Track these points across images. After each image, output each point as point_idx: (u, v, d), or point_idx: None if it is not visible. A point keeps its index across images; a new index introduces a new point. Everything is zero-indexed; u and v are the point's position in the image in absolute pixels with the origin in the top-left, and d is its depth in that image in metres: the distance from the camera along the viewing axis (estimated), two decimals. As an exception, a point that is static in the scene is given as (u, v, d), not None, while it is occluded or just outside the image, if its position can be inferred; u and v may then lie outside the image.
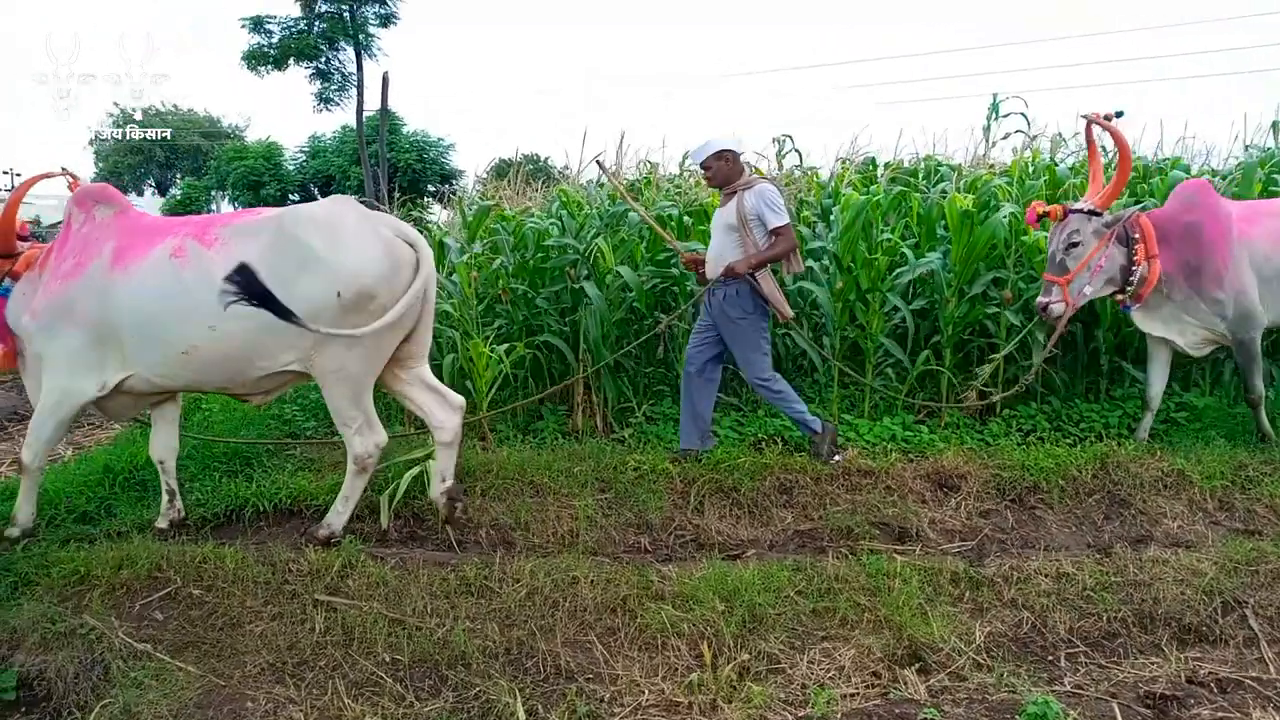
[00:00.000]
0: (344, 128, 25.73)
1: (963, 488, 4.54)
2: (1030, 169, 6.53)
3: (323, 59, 19.20)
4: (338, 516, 3.89)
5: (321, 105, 19.98)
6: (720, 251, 4.73)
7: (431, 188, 26.32)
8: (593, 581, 3.46)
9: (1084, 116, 5.00)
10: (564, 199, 6.36)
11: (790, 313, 4.80)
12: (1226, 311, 4.91)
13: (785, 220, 4.65)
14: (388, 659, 3.02)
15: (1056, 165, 6.40)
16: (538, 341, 5.68)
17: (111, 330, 3.70)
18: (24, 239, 4.11)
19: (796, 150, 7.70)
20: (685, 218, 6.01)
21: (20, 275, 3.95)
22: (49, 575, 3.47)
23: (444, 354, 5.60)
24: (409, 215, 8.82)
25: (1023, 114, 6.97)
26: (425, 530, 4.11)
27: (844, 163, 7.62)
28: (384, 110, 19.32)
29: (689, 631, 3.19)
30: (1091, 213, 4.74)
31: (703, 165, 4.83)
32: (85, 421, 7.04)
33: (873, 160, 7.78)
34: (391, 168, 20.38)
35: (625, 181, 7.01)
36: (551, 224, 6.12)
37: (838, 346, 5.52)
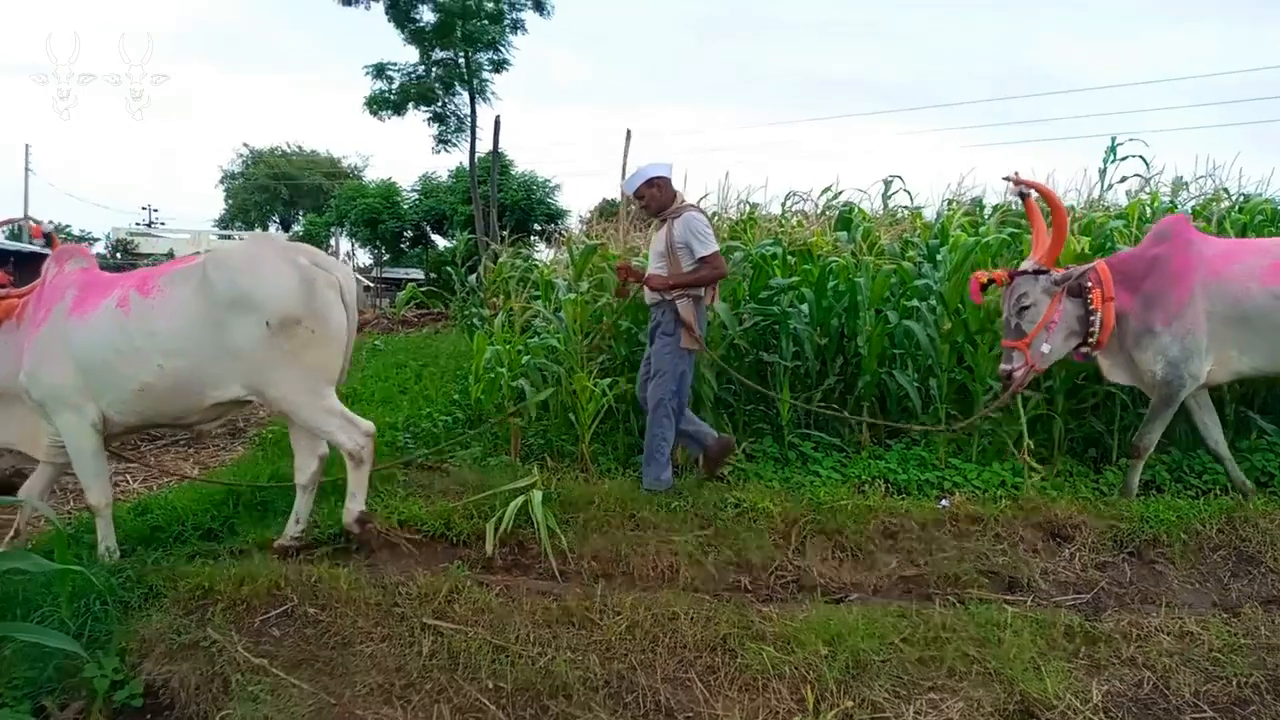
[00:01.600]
0: (457, 167, 26.63)
1: (1077, 538, 4.37)
2: (1149, 212, 6.31)
3: (439, 103, 19.98)
4: (355, 502, 4.07)
5: (440, 147, 20.74)
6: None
7: (538, 226, 26.95)
8: (693, 618, 3.46)
9: (1006, 179, 4.87)
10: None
11: (692, 347, 4.79)
12: (1167, 349, 4.65)
13: (712, 249, 4.71)
14: (491, 685, 3.08)
15: (1176, 208, 6.17)
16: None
17: (79, 370, 3.98)
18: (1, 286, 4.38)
19: (906, 190, 7.65)
20: (789, 257, 6.02)
21: (1, 322, 4.25)
22: (176, 588, 3.64)
23: (548, 386, 5.73)
24: (518, 253, 9.05)
25: (1141, 156, 6.75)
26: (529, 559, 4.19)
27: (951, 203, 7.51)
28: (495, 151, 19.92)
29: (791, 674, 3.15)
30: (1038, 272, 4.65)
31: (636, 194, 4.89)
32: (210, 443, 7.45)
33: (980, 201, 7.65)
34: (501, 207, 20.96)
35: (728, 221, 7.07)
36: (656, 262, 6.21)
37: (944, 389, 5.41)
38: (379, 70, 19.58)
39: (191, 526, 4.47)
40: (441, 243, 30.16)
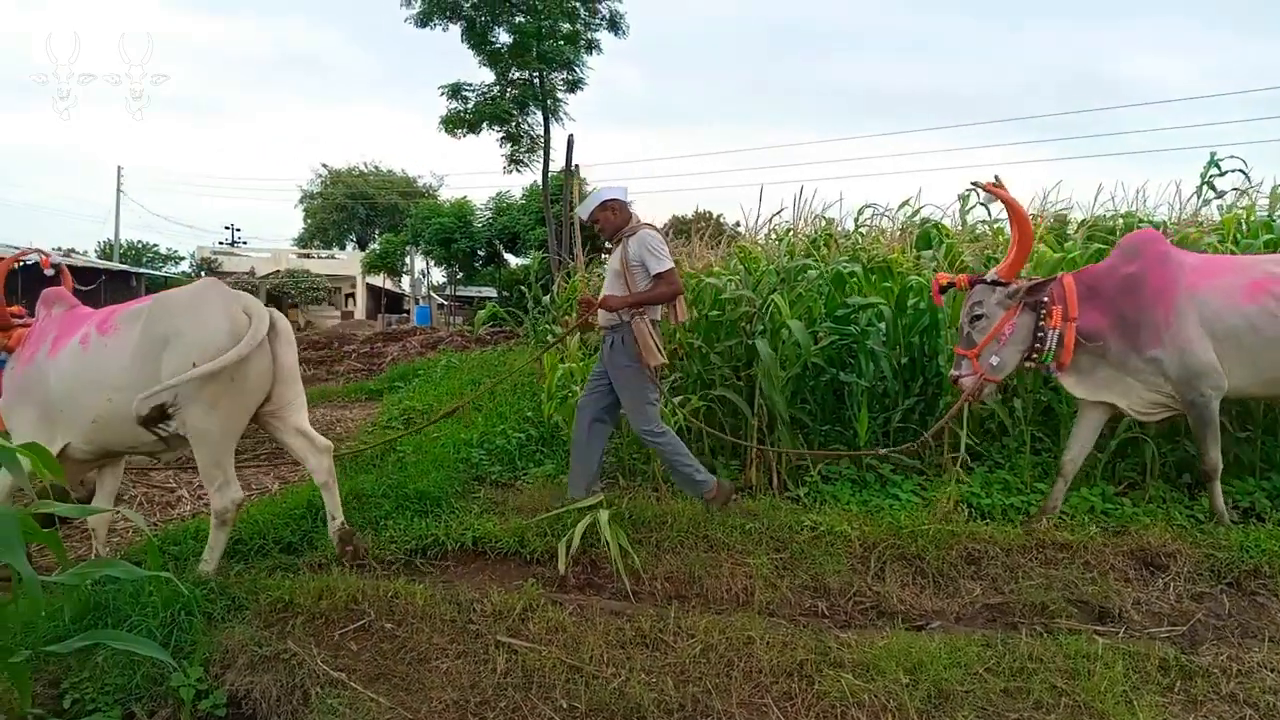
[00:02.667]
0: (530, 186, 27.00)
1: (1171, 567, 4.17)
2: (1245, 226, 6.04)
3: (513, 123, 20.28)
4: (207, 565, 4.05)
5: (512, 166, 21.02)
6: (610, 294, 4.77)
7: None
8: (768, 643, 3.39)
9: (973, 184, 4.74)
10: (742, 254, 6.40)
11: (657, 361, 4.68)
12: (1168, 370, 4.49)
13: (667, 265, 4.62)
14: (565, 705, 3.06)
15: (1274, 222, 5.89)
16: (712, 395, 5.70)
17: (52, 406, 4.17)
18: (18, 317, 4.67)
19: (984, 205, 7.45)
20: (870, 275, 5.92)
21: (13, 350, 4.50)
22: (257, 601, 3.71)
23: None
24: (594, 272, 9.10)
25: (1242, 170, 6.46)
26: (602, 578, 4.16)
27: (1035, 218, 7.29)
28: (568, 170, 20.10)
29: (870, 703, 3.06)
30: (995, 283, 4.58)
31: (590, 218, 4.88)
32: (289, 458, 7.61)
33: (1065, 216, 7.42)
34: (574, 225, 21.19)
35: (803, 238, 6.99)
36: (729, 280, 6.17)
37: (1029, 410, 5.24)
38: (455, 91, 19.98)
39: (272, 540, 4.55)
40: (514, 261, 30.56)
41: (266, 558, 4.37)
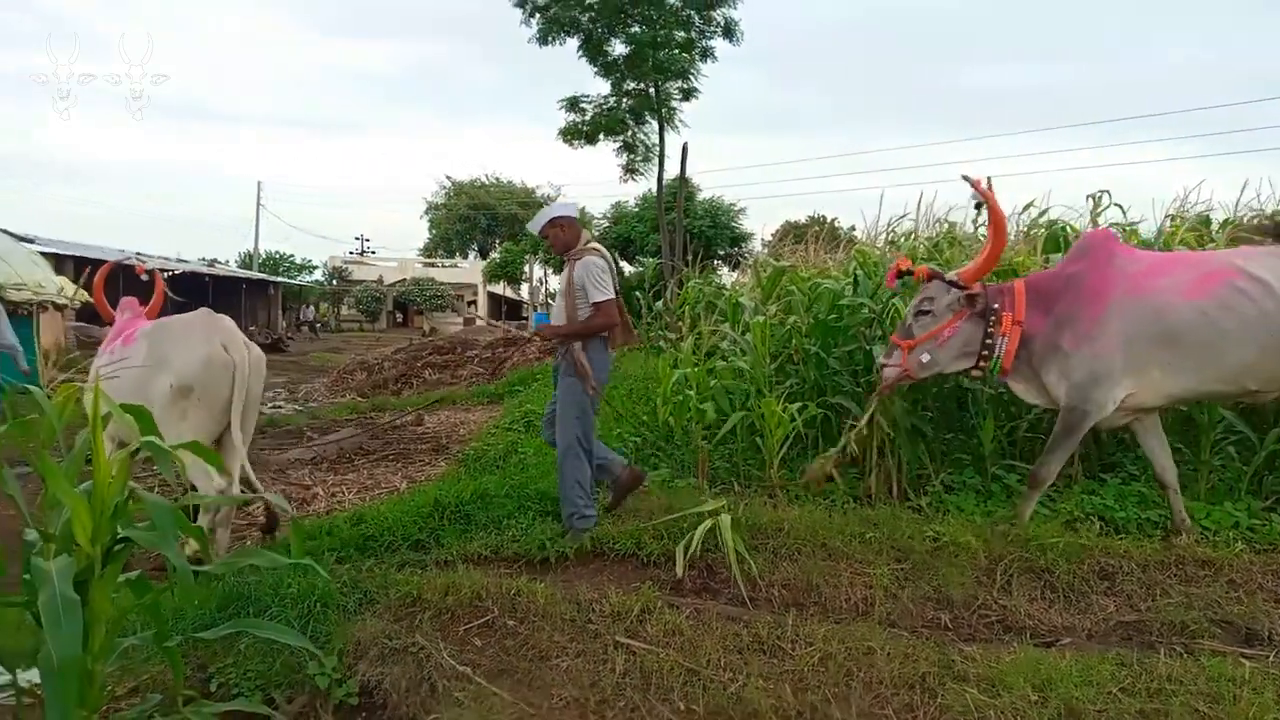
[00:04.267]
0: (644, 194, 27.23)
1: (1329, 589, 3.90)
2: None
3: (629, 133, 20.50)
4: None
5: (627, 176, 21.25)
6: (557, 317, 4.74)
7: (722, 251, 27.06)
8: (889, 654, 3.33)
9: (963, 178, 4.50)
10: (861, 259, 6.30)
11: (593, 391, 4.64)
12: (1072, 370, 4.34)
13: (606, 296, 4.58)
14: (683, 707, 3.08)
15: None
16: (829, 402, 5.63)
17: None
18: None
19: (1118, 205, 7.11)
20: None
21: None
22: (387, 595, 3.88)
23: (735, 410, 5.70)
24: (707, 279, 9.12)
25: None
26: (718, 583, 4.17)
27: (1174, 219, 6.92)
28: (682, 178, 20.19)
29: (996, 719, 2.97)
30: (953, 284, 4.50)
31: (541, 234, 4.84)
32: (416, 458, 7.90)
33: (1206, 217, 7.00)
34: (687, 232, 21.22)
35: (924, 241, 6.82)
36: (847, 285, 6.09)
37: (1168, 419, 4.97)
38: (572, 103, 20.34)
39: (401, 537, 4.73)
40: (628, 268, 30.86)
41: (396, 554, 4.56)
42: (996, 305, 4.50)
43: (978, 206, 4.58)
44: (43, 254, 16.24)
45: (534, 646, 3.48)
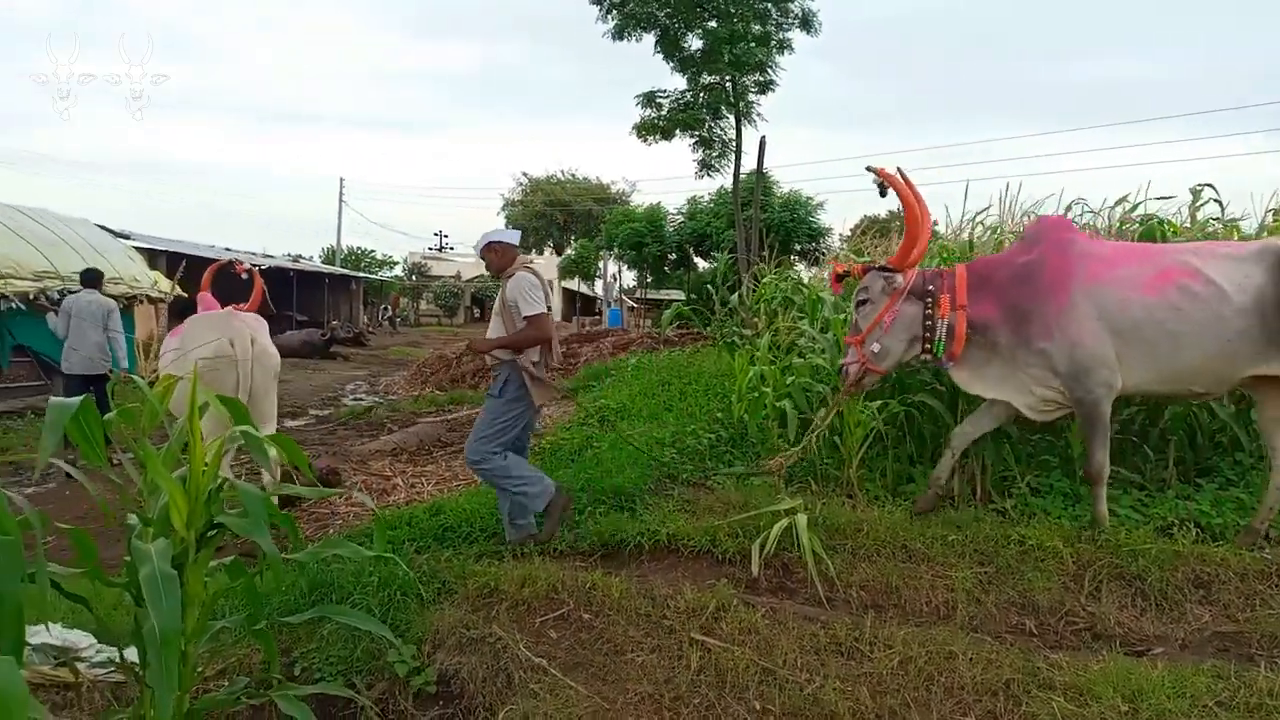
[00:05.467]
0: (719, 189, 27.05)
1: None
2: None
3: (705, 128, 20.37)
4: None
5: (703, 171, 21.12)
6: (493, 334, 4.76)
7: (799, 246, 26.70)
8: (972, 659, 3.25)
9: (868, 169, 4.49)
10: (944, 254, 6.15)
11: (542, 400, 4.71)
12: (1056, 364, 4.28)
13: (536, 310, 4.61)
14: (758, 707, 3.05)
15: None
16: (910, 399, 5.51)
17: None
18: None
19: (1217, 200, 6.80)
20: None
21: None
22: (465, 586, 3.93)
23: (814, 409, 5.63)
24: (784, 275, 9.03)
25: None
26: (795, 583, 4.12)
27: (1278, 214, 6.59)
28: (759, 172, 19.98)
29: (1084, 730, 2.87)
30: (884, 270, 4.60)
31: (480, 255, 4.95)
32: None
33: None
34: (764, 227, 21.03)
35: (1009, 236, 6.63)
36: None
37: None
38: (649, 99, 20.30)
39: (478, 528, 4.80)
40: (702, 264, 30.73)
41: (473, 545, 4.62)
42: (932, 288, 4.53)
43: (882, 193, 4.53)
44: (137, 249, 16.88)
45: (609, 640, 3.49)
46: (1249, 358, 4.14)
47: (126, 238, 18.50)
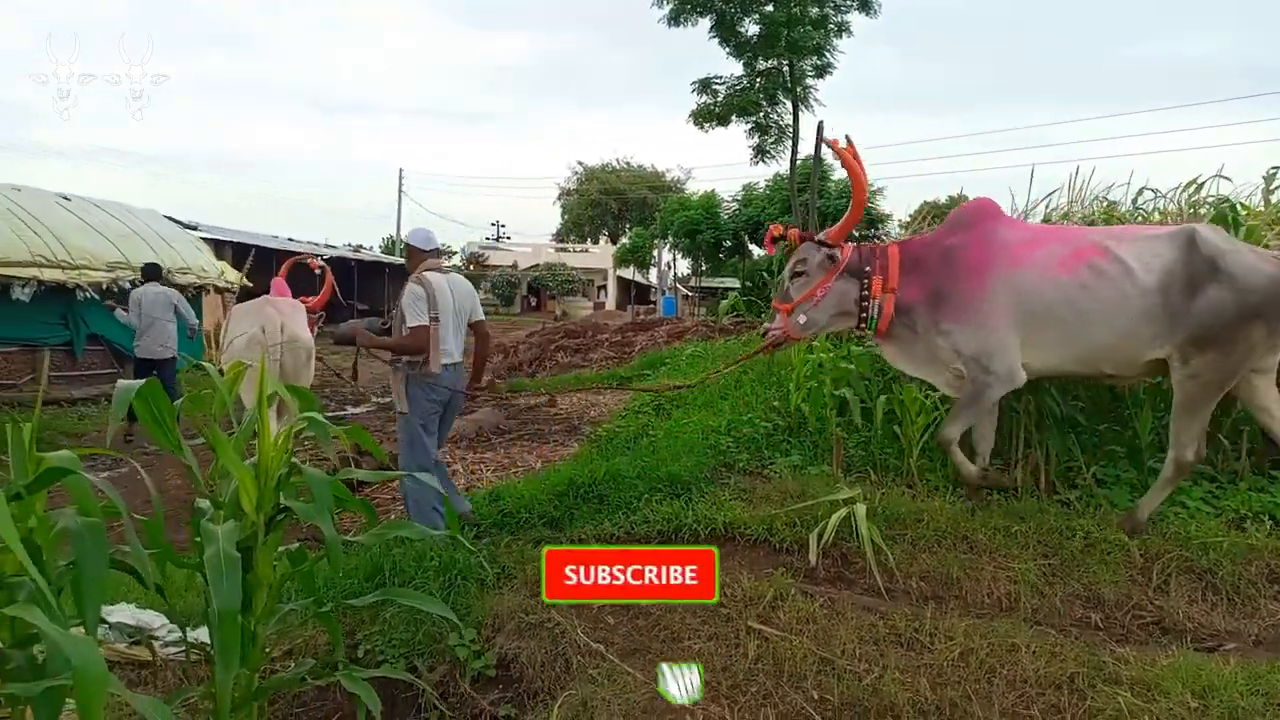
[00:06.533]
0: (776, 176, 26.83)
1: None
2: None
3: (761, 114, 20.24)
4: None
5: (758, 158, 21.01)
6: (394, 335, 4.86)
7: (857, 232, 26.38)
8: (1035, 652, 3.19)
9: (825, 142, 4.18)
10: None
11: (403, 408, 4.78)
12: (961, 345, 4.30)
13: (418, 322, 4.71)
14: (816, 696, 3.04)
15: None
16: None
17: None
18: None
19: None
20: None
21: None
22: (524, 571, 3.98)
23: (875, 397, 5.57)
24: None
25: None
26: (853, 573, 4.08)
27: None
28: (816, 158, 19.80)
29: (1151, 725, 2.81)
30: (822, 244, 4.58)
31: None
32: (550, 439, 8.08)
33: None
34: (821, 214, 20.81)
35: (1076, 220, 6.46)
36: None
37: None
38: (704, 85, 20.25)
39: (537, 515, 4.85)
40: (757, 251, 30.53)
41: (532, 530, 4.67)
42: (868, 267, 4.51)
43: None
44: (204, 239, 17.32)
45: (666, 628, 3.50)
46: (1151, 339, 4.12)
47: (194, 229, 19.01)
